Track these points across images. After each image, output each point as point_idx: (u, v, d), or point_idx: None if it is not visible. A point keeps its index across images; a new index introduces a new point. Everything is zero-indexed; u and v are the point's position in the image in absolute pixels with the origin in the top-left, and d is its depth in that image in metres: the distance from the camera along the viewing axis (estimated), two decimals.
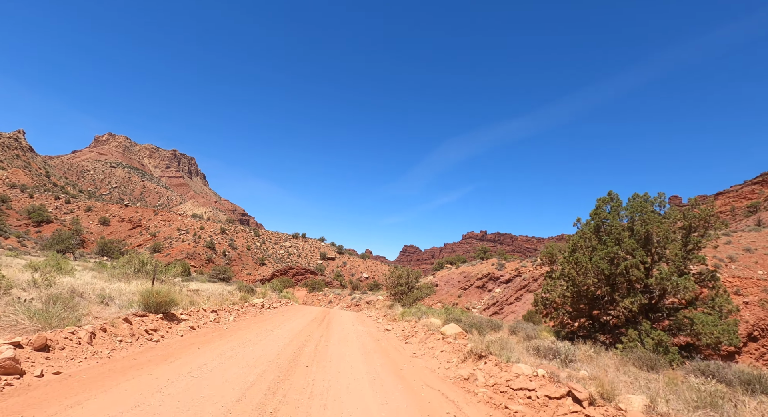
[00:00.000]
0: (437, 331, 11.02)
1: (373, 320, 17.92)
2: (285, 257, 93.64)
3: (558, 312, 11.94)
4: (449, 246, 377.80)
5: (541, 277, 30.25)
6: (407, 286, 18.54)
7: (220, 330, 9.87)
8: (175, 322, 9.09)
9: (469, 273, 37.79)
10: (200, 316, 10.56)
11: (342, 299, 47.39)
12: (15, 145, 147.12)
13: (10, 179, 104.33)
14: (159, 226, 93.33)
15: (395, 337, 12.40)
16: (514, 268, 36.66)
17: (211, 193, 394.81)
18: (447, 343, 9.58)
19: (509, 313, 29.31)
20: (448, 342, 9.66)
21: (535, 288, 29.97)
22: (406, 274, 19.68)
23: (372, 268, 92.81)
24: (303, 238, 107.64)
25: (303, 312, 18.41)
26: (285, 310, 18.35)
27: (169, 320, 9.03)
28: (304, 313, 17.86)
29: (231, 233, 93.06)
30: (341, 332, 12.36)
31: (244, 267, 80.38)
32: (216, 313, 11.43)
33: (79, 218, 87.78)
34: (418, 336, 11.45)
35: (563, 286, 11.60)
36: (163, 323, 8.59)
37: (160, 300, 8.73)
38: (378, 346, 10.40)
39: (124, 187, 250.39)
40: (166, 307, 8.99)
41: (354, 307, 44.69)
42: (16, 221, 56.74)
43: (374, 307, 21.78)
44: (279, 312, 16.71)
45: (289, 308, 19.74)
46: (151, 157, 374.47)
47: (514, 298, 30.47)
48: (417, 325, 12.94)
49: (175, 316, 9.34)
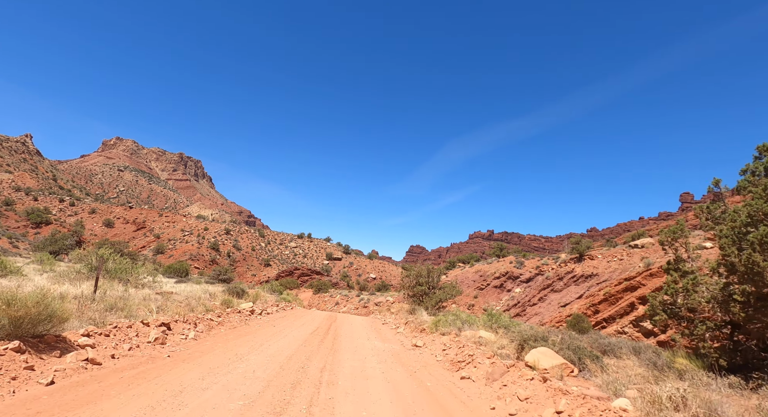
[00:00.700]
0: (513, 358, 7.40)
1: (391, 329, 14.91)
2: (290, 258, 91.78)
3: (700, 326, 7.82)
4: (456, 246, 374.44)
5: (568, 275, 27.63)
6: (428, 286, 16.04)
7: (148, 363, 6.15)
8: (56, 355, 5.42)
9: (485, 272, 35.21)
10: (128, 337, 6.90)
11: (349, 301, 45.14)
12: (22, 149, 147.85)
13: (15, 182, 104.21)
14: (163, 227, 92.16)
15: (437, 364, 8.48)
16: (534, 267, 34.03)
17: (217, 195, 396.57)
18: (558, 393, 5.27)
19: (533, 316, 26.73)
20: (561, 392, 5.27)
21: (560, 287, 27.37)
22: (427, 272, 16.70)
23: (379, 269, 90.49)
24: (308, 239, 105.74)
25: (303, 319, 15.60)
26: (281, 316, 15.50)
27: (45, 351, 5.37)
28: (304, 321, 14.98)
29: (235, 234, 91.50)
30: (354, 355, 9.06)
31: (249, 268, 78.62)
32: (167, 329, 8.02)
33: (83, 220, 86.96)
34: (479, 365, 7.41)
35: (717, 284, 7.64)
36: (19, 360, 4.89)
37: (20, 314, 5.17)
38: (424, 393, 6.27)
39: (131, 190, 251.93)
40: (41, 325, 5.54)
41: (362, 308, 42.36)
42: (15, 223, 55.80)
43: (388, 310, 18.73)
44: (272, 320, 13.88)
45: (288, 314, 16.88)
46: (158, 160, 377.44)
47: (537, 298, 27.87)
48: (462, 340, 9.44)
49: (64, 342, 5.76)
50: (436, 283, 15.61)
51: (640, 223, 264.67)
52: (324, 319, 16.80)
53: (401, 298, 43.30)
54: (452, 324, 11.12)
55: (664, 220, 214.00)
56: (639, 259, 23.64)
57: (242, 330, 10.79)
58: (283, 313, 16.75)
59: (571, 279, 26.94)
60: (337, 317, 18.09)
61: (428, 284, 15.42)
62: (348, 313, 40.07)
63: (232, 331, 10.40)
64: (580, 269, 27.19)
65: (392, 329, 14.97)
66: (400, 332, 14.00)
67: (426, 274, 15.95)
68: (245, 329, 10.99)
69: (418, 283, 15.65)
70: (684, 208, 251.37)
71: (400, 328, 14.54)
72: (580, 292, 25.49)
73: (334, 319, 17.32)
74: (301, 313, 18.48)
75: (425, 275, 15.98)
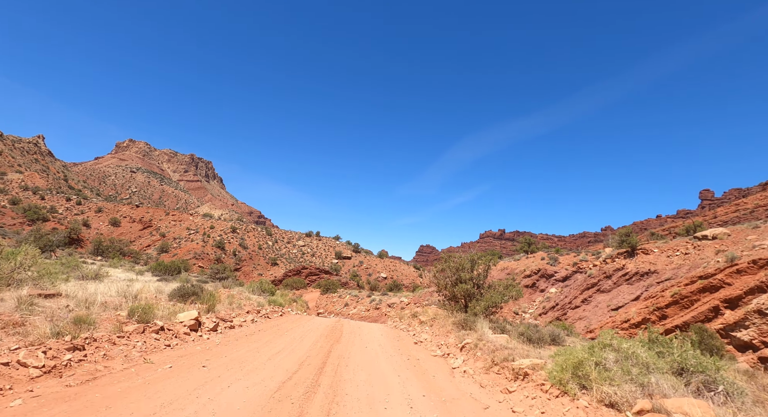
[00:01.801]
0: None
1: (427, 352, 9.39)
2: (298, 257, 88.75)
3: None
4: (466, 245, 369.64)
5: (618, 273, 23.40)
6: (474, 284, 11.00)
7: None
8: None
9: (512, 269, 31.11)
10: None
11: (360, 302, 41.51)
12: (34, 149, 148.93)
13: (24, 182, 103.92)
14: (170, 226, 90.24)
15: None
16: (569, 264, 29.82)
17: (228, 195, 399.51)
18: None
19: (576, 320, 22.63)
20: None
21: (609, 287, 23.18)
22: (470, 262, 11.18)
23: (390, 268, 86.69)
24: (317, 237, 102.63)
25: (288, 337, 10.55)
26: (252, 333, 10.27)
27: None
28: (291, 340, 10.07)
29: (242, 232, 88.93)
30: None
31: (255, 267, 75.81)
32: None
33: (89, 219, 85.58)
34: None
35: None
36: None
37: None
38: None
39: (143, 191, 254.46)
40: None
41: (374, 310, 38.67)
42: (11, 220, 54.08)
43: (414, 318, 13.14)
44: (226, 342, 8.74)
45: (269, 326, 11.85)
46: (169, 161, 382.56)
47: (580, 300, 23.71)
48: None
49: None
50: (484, 280, 11.20)
51: (657, 221, 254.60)
52: (322, 335, 11.30)
53: (417, 299, 39.47)
54: (620, 372, 5.12)
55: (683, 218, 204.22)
56: (713, 253, 19.36)
57: (102, 391, 5.05)
58: (259, 326, 11.40)
59: (623, 277, 22.73)
60: (342, 330, 12.82)
61: (474, 280, 10.98)
62: (359, 319, 36.40)
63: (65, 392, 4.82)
64: (632, 266, 22.95)
65: (428, 352, 9.33)
66: (452, 363, 8.12)
67: (469, 264, 11.06)
68: (114, 388, 5.24)
69: (458, 280, 11.20)
70: (703, 205, 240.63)
71: (456, 358, 8.34)
72: (636, 293, 21.29)
73: (339, 334, 11.80)
74: (290, 325, 12.79)
75: (468, 266, 11.19)
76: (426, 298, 35.83)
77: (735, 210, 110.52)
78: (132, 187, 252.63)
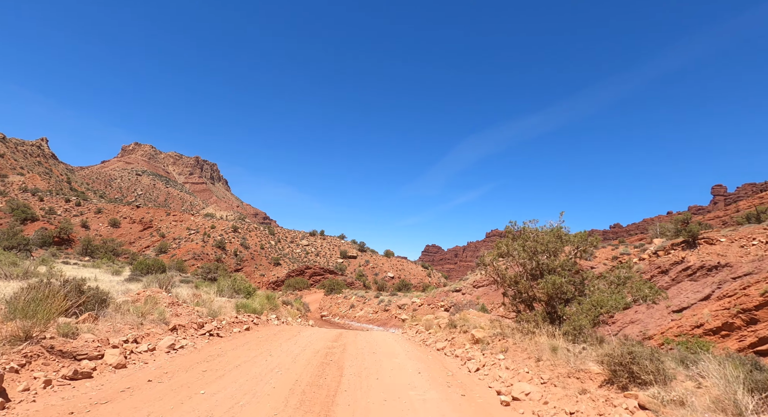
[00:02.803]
0: None
1: None
2: (302, 256, 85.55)
3: None
4: (473, 245, 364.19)
5: (677, 267, 19.54)
6: (573, 282, 6.24)
7: None
8: None
9: None
10: None
11: (367, 303, 37.96)
12: (38, 152, 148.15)
13: (26, 184, 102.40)
14: (170, 227, 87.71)
15: None
16: (608, 258, 25.98)
17: (233, 197, 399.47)
18: None
19: (627, 324, 18.84)
20: None
21: (666, 284, 19.32)
22: (557, 239, 6.57)
23: (398, 267, 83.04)
24: (321, 236, 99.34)
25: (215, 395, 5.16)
26: (126, 387, 5.23)
27: None
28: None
29: (243, 232, 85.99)
30: None
31: (257, 267, 72.74)
32: None
33: (88, 220, 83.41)
34: None
35: None
36: None
37: None
38: None
39: (149, 193, 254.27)
40: None
41: (383, 312, 35.09)
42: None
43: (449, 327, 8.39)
44: None
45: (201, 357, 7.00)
46: (174, 164, 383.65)
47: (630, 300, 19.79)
48: None
49: None
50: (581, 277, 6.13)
51: (668, 217, 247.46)
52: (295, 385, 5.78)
53: (430, 300, 35.79)
54: None
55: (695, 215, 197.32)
56: None
57: None
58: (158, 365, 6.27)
59: (683, 272, 18.86)
60: (343, 363, 7.44)
61: (566, 271, 6.22)
62: (366, 322, 32.85)
63: None
64: (695, 258, 19.08)
65: None
66: None
67: (554, 246, 6.35)
68: None
69: (537, 270, 6.16)
70: (716, 201, 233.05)
71: None
72: (704, 292, 17.43)
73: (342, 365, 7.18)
74: (240, 358, 7.25)
75: (551, 249, 6.35)
76: (441, 298, 32.13)
77: (760, 202, 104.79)
78: (138, 190, 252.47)
